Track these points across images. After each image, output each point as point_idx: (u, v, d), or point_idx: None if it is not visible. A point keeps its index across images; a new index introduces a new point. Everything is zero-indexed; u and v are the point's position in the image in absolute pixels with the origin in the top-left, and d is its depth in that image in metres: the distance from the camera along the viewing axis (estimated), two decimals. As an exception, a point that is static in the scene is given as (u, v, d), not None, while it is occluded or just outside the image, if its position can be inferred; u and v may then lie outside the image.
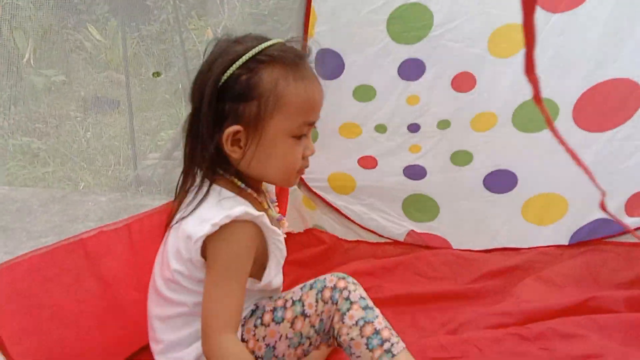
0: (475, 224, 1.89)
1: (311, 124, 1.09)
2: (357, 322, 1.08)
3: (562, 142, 1.12)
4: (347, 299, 1.10)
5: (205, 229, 1.00)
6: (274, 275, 1.13)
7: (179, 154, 1.09)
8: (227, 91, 1.04)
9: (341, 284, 1.12)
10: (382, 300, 1.56)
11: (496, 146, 1.75)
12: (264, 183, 1.21)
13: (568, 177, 1.72)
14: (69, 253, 1.24)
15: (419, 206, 1.92)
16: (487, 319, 1.46)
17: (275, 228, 1.10)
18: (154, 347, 1.16)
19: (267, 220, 1.06)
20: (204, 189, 1.08)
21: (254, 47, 1.04)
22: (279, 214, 1.22)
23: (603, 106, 1.62)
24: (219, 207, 1.04)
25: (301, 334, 1.11)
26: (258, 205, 1.11)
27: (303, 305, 1.12)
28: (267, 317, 1.13)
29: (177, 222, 1.08)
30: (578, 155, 1.13)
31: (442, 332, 1.46)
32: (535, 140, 1.69)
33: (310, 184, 2.01)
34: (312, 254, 1.94)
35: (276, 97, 1.03)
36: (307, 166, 1.13)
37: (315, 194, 2.02)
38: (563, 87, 1.61)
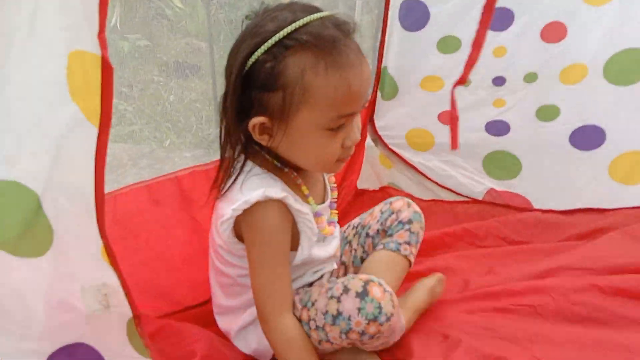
0: (558, 183, 1.82)
1: (349, 115, 0.97)
2: None
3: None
4: (379, 339, 1.02)
5: (227, 213, 1.00)
6: (307, 253, 1.08)
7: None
8: (252, 77, 0.95)
9: (371, 329, 0.98)
10: (457, 254, 1.59)
11: (585, 100, 1.68)
12: None
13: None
14: (165, 189, 1.31)
15: (501, 163, 1.87)
16: (566, 271, 1.41)
17: (302, 207, 1.04)
18: (214, 309, 1.20)
19: (291, 201, 1.01)
20: (238, 165, 1.04)
21: (285, 26, 0.92)
22: (324, 204, 1.14)
23: None
24: (241, 190, 1.00)
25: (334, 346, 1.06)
26: (293, 185, 1.06)
27: (327, 335, 1.02)
28: None
29: (218, 198, 1.07)
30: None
31: (518, 279, 1.41)
32: (627, 93, 1.62)
33: (387, 141, 2.00)
34: (371, 202, 1.91)
35: (303, 90, 0.92)
36: (349, 154, 1.03)
37: (392, 151, 2.00)
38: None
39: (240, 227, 1.03)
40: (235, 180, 1.03)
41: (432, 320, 1.27)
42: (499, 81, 1.75)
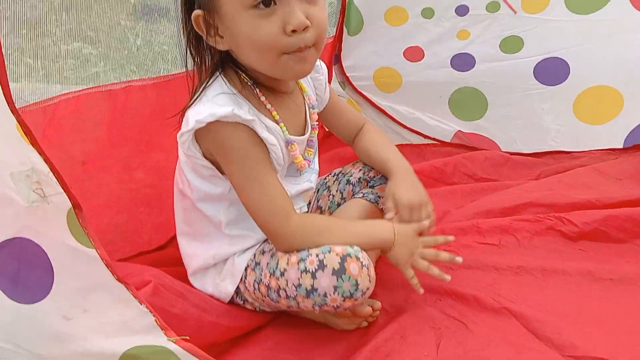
0: (524, 122, 1.79)
1: None
2: None
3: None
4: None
5: (190, 124, 0.93)
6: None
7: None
8: None
9: (347, 304, 0.95)
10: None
11: (548, 30, 1.66)
12: (303, 83, 1.11)
13: (623, 68, 1.62)
14: (96, 102, 1.23)
15: (466, 102, 1.84)
16: (530, 208, 1.39)
17: (270, 136, 0.97)
18: (177, 235, 1.15)
19: (258, 127, 0.94)
20: (210, 80, 0.99)
21: None
22: (301, 137, 1.07)
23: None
24: (209, 104, 0.94)
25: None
26: (262, 110, 1.00)
27: (299, 304, 0.97)
28: (263, 289, 1.01)
29: (180, 117, 1.01)
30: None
31: (485, 216, 1.39)
32: (590, 23, 1.61)
33: (355, 83, 1.97)
34: (352, 153, 1.89)
35: None
36: (299, 45, 0.91)
37: (360, 94, 1.97)
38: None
39: (207, 145, 0.96)
40: (201, 94, 0.97)
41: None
42: (462, 10, 1.73)
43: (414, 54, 1.84)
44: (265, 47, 0.91)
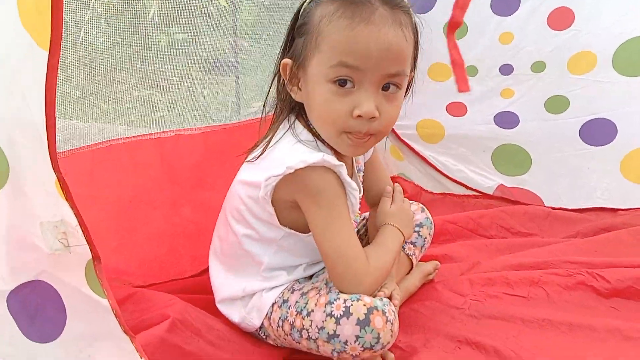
0: (569, 180, 1.78)
1: (351, 68, 0.94)
2: None
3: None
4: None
5: (279, 170, 0.96)
6: None
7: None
8: (296, 25, 1.02)
9: (366, 354, 0.96)
10: (458, 242, 1.58)
11: (595, 91, 1.65)
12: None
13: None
14: (144, 149, 1.31)
15: (510, 158, 1.85)
16: (563, 265, 1.36)
17: (352, 181, 1.02)
18: (209, 257, 1.20)
19: (344, 171, 0.99)
20: (286, 126, 1.05)
21: None
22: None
23: None
24: (295, 150, 1.00)
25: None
26: (339, 157, 1.04)
27: (318, 347, 0.99)
28: (287, 327, 1.04)
29: (255, 157, 1.06)
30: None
31: (509, 269, 1.38)
32: (637, 85, 1.58)
33: (398, 132, 2.00)
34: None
35: (317, 34, 0.96)
36: (360, 131, 0.98)
37: (403, 142, 2.00)
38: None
39: (290, 191, 1.00)
40: (280, 139, 1.04)
41: (421, 303, 1.26)
42: (506, 69, 1.74)
43: (457, 109, 1.87)
44: (330, 121, 0.99)
